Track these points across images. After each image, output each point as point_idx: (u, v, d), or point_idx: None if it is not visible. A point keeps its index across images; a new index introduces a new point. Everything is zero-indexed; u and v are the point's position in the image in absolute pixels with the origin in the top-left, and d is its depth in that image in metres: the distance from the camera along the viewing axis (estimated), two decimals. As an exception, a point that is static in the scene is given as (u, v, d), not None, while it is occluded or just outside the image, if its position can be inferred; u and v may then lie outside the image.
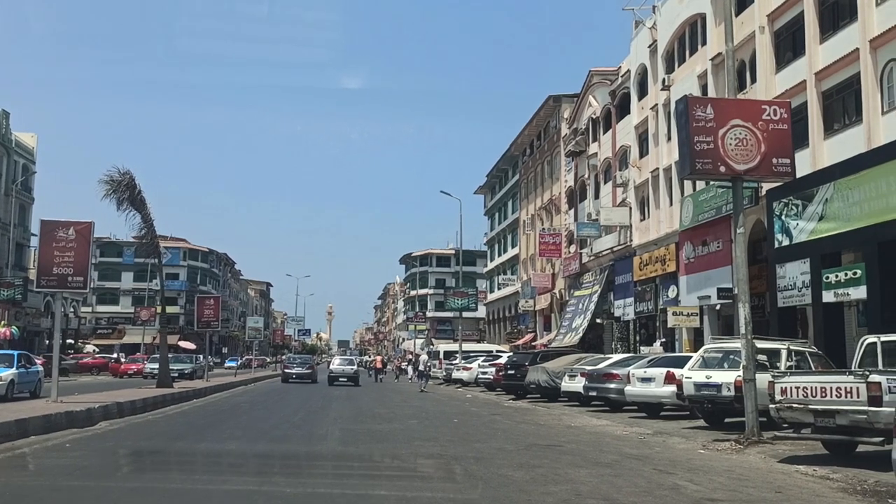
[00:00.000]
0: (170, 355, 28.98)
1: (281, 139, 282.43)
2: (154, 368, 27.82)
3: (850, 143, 18.99)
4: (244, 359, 65.11)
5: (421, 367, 32.68)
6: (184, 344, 74.16)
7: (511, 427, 14.42)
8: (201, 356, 40.46)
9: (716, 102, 12.45)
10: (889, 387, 8.41)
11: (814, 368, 12.74)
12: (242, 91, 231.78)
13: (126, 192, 23.04)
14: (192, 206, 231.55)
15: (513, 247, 56.60)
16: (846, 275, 17.90)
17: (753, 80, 23.36)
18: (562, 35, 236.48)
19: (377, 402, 22.12)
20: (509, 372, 25.77)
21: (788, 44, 22.29)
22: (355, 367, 38.05)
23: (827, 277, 18.32)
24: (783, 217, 20.52)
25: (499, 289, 58.86)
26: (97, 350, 61.86)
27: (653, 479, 7.90)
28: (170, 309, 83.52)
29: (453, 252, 73.01)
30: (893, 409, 8.21)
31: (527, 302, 48.63)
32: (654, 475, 8.21)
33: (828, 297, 18.32)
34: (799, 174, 18.35)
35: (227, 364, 60.85)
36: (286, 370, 38.29)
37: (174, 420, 15.22)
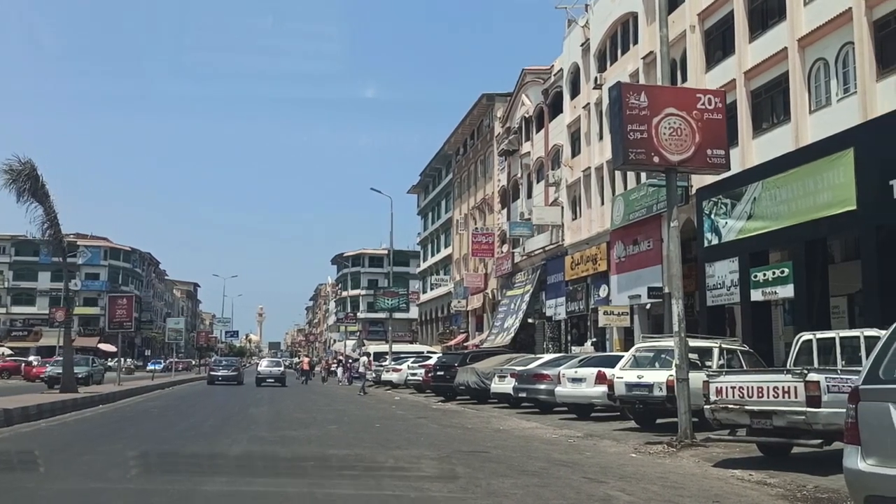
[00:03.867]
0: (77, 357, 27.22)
1: (216, 143, 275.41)
2: (57, 372, 26.01)
3: (778, 142, 19.00)
4: (168, 361, 62.70)
5: (361, 370, 32.08)
6: (104, 346, 71.18)
7: (436, 431, 13.67)
8: (96, 358, 39.45)
9: (650, 90, 12.01)
10: (827, 386, 7.99)
11: (745, 367, 12.42)
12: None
13: (27, 182, 21.37)
14: (114, 206, 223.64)
15: (446, 247, 56.03)
16: (774, 273, 17.86)
17: (684, 79, 23.27)
18: (496, 33, 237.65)
19: (299, 406, 21.07)
20: (438, 373, 25.07)
21: (718, 43, 22.29)
22: (282, 369, 39.50)
23: (755, 276, 18.25)
24: (712, 216, 20.44)
25: (432, 289, 58.19)
26: (10, 353, 58.52)
27: (582, 490, 7.26)
28: (89, 310, 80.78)
29: (386, 252, 71.96)
30: (832, 410, 7.81)
31: (459, 302, 48.11)
32: (583, 484, 7.57)
33: (756, 295, 18.26)
34: (729, 172, 18.30)
35: (150, 367, 58.42)
36: (212, 372, 39.37)
37: (69, 428, 13.90)
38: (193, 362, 73.42)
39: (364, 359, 34.16)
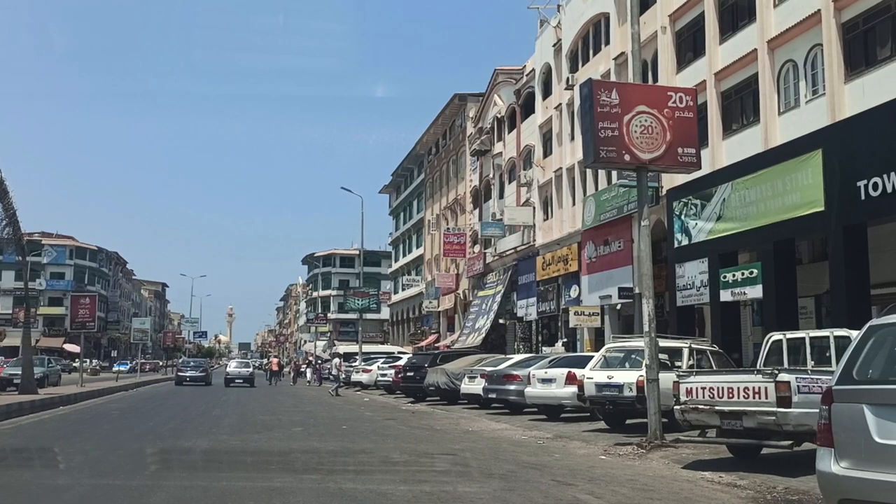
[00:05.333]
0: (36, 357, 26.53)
1: (197, 142, 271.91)
2: (13, 374, 25.32)
3: (747, 143, 19.06)
4: (134, 363, 61.65)
5: (335, 371, 31.77)
6: (69, 347, 69.82)
7: (404, 433, 13.43)
8: (54, 358, 38.90)
9: (621, 87, 11.90)
10: (798, 386, 7.90)
11: (714, 367, 12.37)
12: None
13: (-16, 177, 20.76)
14: (80, 204, 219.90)
15: (417, 247, 55.75)
16: (743, 274, 17.88)
17: (655, 80, 23.27)
18: (470, 33, 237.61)
19: (265, 408, 20.69)
20: (408, 374, 24.79)
21: (689, 44, 22.34)
22: (251, 370, 39.75)
23: (724, 277, 18.26)
24: (683, 217, 20.45)
25: (403, 290, 57.86)
26: (-31, 354, 56.97)
27: (551, 494, 7.07)
28: (54, 310, 79.28)
29: (357, 252, 71.54)
30: (802, 411, 7.73)
31: (431, 303, 47.87)
32: (552, 488, 7.39)
33: (725, 296, 18.26)
34: (699, 173, 18.31)
35: (116, 368, 57.36)
36: (180, 373, 39.87)
37: (22, 432, 13.42)
38: (161, 363, 72.26)
39: (337, 360, 33.77)
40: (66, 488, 7.34)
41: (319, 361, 50.79)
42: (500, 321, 35.43)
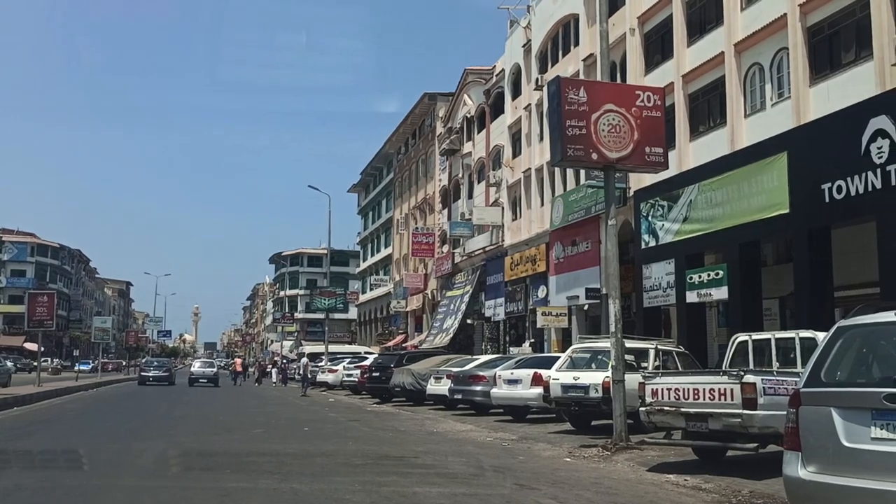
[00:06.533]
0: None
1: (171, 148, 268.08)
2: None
3: (714, 146, 19.13)
4: (96, 362, 60.37)
5: (302, 371, 31.38)
6: (29, 345, 68.50)
7: (367, 435, 13.17)
8: (3, 357, 37.74)
9: (589, 85, 11.79)
10: (764, 388, 7.82)
11: (680, 368, 12.31)
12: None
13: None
14: (43, 201, 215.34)
15: (386, 247, 55.40)
16: (708, 275, 17.94)
17: (624, 81, 23.29)
18: (440, 32, 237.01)
19: (227, 408, 20.28)
20: (374, 374, 24.50)
21: (658, 46, 22.38)
22: (215, 370, 40.26)
23: (690, 278, 18.31)
24: (650, 218, 20.48)
25: (371, 290, 57.44)
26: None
27: (512, 498, 6.89)
28: (14, 308, 77.31)
29: (325, 252, 70.98)
30: (768, 413, 7.65)
31: (399, 303, 47.58)
32: (514, 492, 7.21)
33: (691, 297, 18.32)
34: (666, 175, 18.34)
35: (78, 367, 56.12)
36: (143, 373, 39.87)
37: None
38: (124, 363, 70.94)
39: (305, 360, 33.36)
40: (9, 490, 7.00)
41: (285, 362, 50.20)
42: (468, 321, 35.29)
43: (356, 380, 27.49)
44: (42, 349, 59.81)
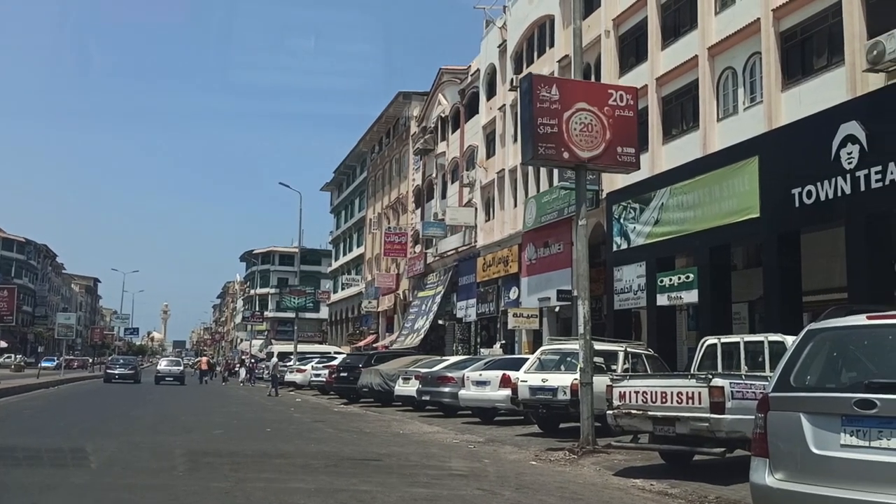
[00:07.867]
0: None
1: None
2: None
3: (687, 149, 19.13)
4: (60, 359, 59.16)
5: (271, 371, 30.88)
6: (-7, 342, 66.82)
7: (331, 436, 12.88)
8: None
9: (562, 83, 11.64)
10: (732, 392, 7.69)
11: (649, 371, 12.20)
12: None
13: None
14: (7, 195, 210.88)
15: (358, 246, 54.98)
16: (679, 278, 17.90)
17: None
18: (414, 32, 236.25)
19: (190, 407, 19.85)
20: (342, 374, 24.16)
21: (632, 48, 22.37)
22: (182, 368, 40.71)
23: (661, 281, 18.27)
24: (622, 220, 20.43)
25: (343, 289, 56.97)
26: None
27: None
28: (-27, 303, 75.58)
29: (297, 250, 70.35)
30: (736, 417, 7.53)
31: (370, 303, 47.18)
32: (477, 498, 7.00)
33: (662, 300, 18.27)
34: (638, 177, 18.29)
35: (43, 364, 54.92)
36: (108, 371, 39.72)
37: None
38: (90, 360, 69.63)
39: (274, 360, 32.89)
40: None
41: (254, 361, 49.58)
42: (440, 322, 35.07)
43: (324, 380, 27.13)
44: (6, 345, 58.48)
